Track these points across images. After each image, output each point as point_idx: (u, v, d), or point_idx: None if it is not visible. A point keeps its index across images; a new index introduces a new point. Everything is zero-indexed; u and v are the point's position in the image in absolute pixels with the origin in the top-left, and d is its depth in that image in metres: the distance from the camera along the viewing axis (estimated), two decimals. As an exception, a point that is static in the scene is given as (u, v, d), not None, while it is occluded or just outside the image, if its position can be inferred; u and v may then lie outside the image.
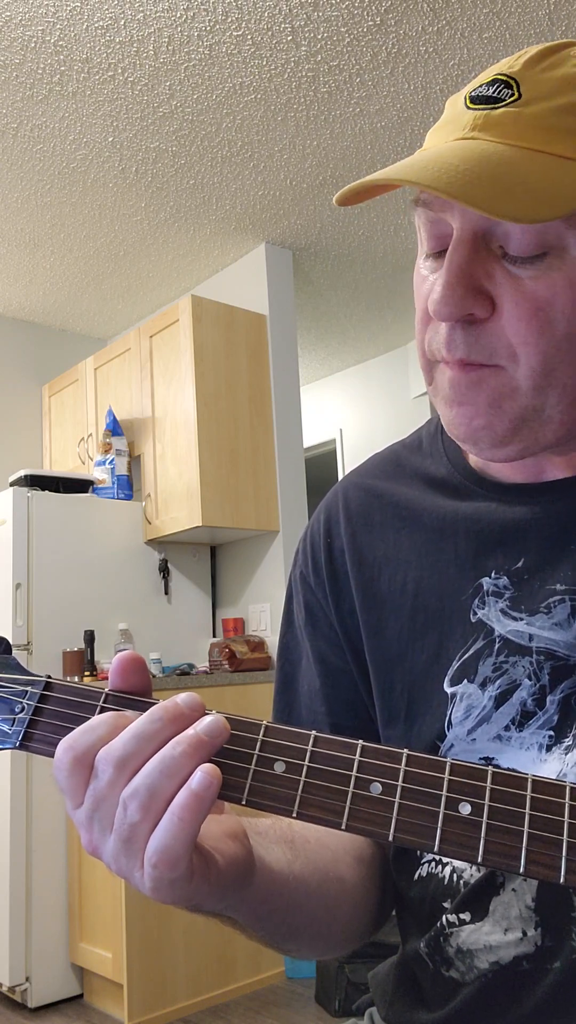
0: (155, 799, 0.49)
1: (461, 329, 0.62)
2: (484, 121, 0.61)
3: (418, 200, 0.64)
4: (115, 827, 0.50)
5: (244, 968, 2.99)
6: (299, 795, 0.51)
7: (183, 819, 0.48)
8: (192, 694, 0.53)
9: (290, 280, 3.77)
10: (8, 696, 0.57)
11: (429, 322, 0.66)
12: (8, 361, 4.26)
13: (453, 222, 0.62)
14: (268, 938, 0.66)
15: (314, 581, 0.83)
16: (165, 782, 0.49)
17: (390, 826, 0.49)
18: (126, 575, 3.50)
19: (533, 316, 0.60)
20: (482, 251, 0.61)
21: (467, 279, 0.61)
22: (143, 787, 0.49)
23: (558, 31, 2.50)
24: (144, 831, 0.50)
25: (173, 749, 0.50)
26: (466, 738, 0.68)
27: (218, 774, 0.50)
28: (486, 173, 0.58)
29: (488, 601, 0.69)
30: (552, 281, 0.60)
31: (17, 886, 2.94)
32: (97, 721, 0.53)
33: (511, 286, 0.61)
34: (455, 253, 0.61)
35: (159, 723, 0.51)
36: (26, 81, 2.60)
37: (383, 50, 2.55)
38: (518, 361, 0.62)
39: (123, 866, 0.51)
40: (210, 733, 0.51)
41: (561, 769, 0.63)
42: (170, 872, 0.49)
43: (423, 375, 0.69)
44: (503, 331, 0.61)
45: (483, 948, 0.65)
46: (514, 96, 0.61)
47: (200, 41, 2.48)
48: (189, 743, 0.50)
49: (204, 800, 0.49)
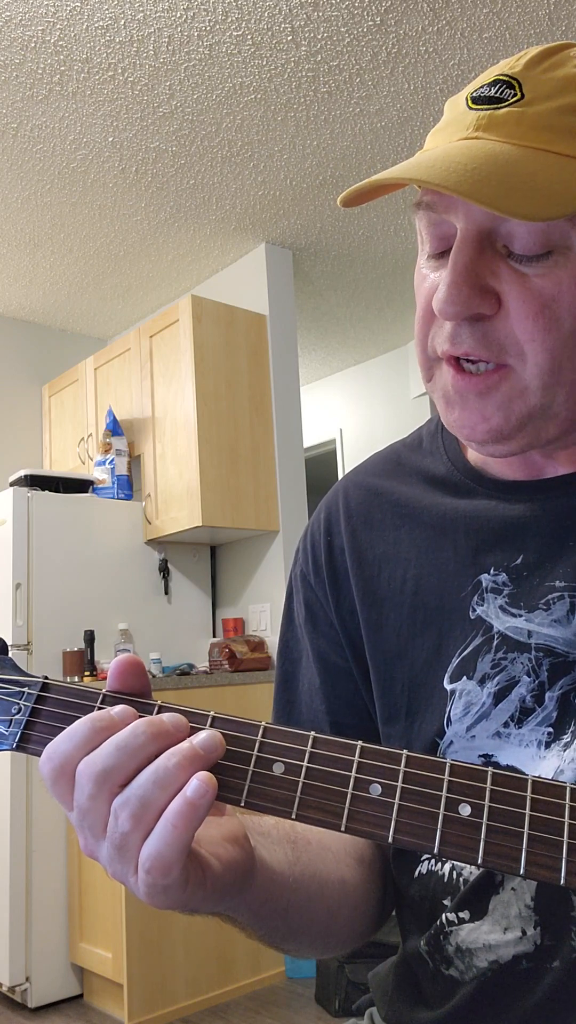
0: (147, 810, 0.49)
1: (468, 326, 0.62)
2: (488, 121, 0.61)
3: (420, 203, 0.64)
4: (107, 835, 0.50)
5: (244, 968, 2.99)
6: (298, 796, 0.51)
7: (176, 826, 0.48)
8: (175, 714, 0.53)
9: (290, 280, 3.76)
10: (5, 697, 0.56)
11: (432, 320, 0.66)
12: (8, 361, 4.26)
13: (457, 222, 0.62)
14: (268, 938, 0.66)
15: (314, 579, 0.83)
16: (158, 793, 0.49)
17: (389, 827, 0.49)
18: (126, 575, 3.50)
19: (540, 313, 0.60)
20: (487, 250, 0.61)
21: (473, 278, 0.61)
22: (135, 797, 0.49)
23: (558, 31, 2.50)
24: (136, 839, 0.49)
25: (168, 760, 0.50)
26: (465, 735, 0.68)
27: (214, 783, 0.50)
28: (494, 172, 0.58)
29: (487, 598, 0.69)
30: (558, 278, 0.60)
31: (17, 886, 2.94)
32: (76, 727, 0.52)
33: (517, 283, 0.61)
34: (460, 252, 0.61)
35: (142, 737, 0.51)
36: (26, 81, 2.60)
37: (383, 50, 2.55)
38: (525, 359, 0.62)
39: (118, 871, 0.51)
40: (206, 747, 0.51)
41: (559, 766, 0.63)
42: (163, 879, 0.49)
43: (421, 372, 0.69)
44: (510, 328, 0.61)
45: (482, 947, 0.65)
46: (517, 96, 0.61)
47: (200, 41, 2.47)
48: (184, 755, 0.50)
49: (198, 808, 0.49)
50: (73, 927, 3.00)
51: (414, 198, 0.65)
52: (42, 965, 2.96)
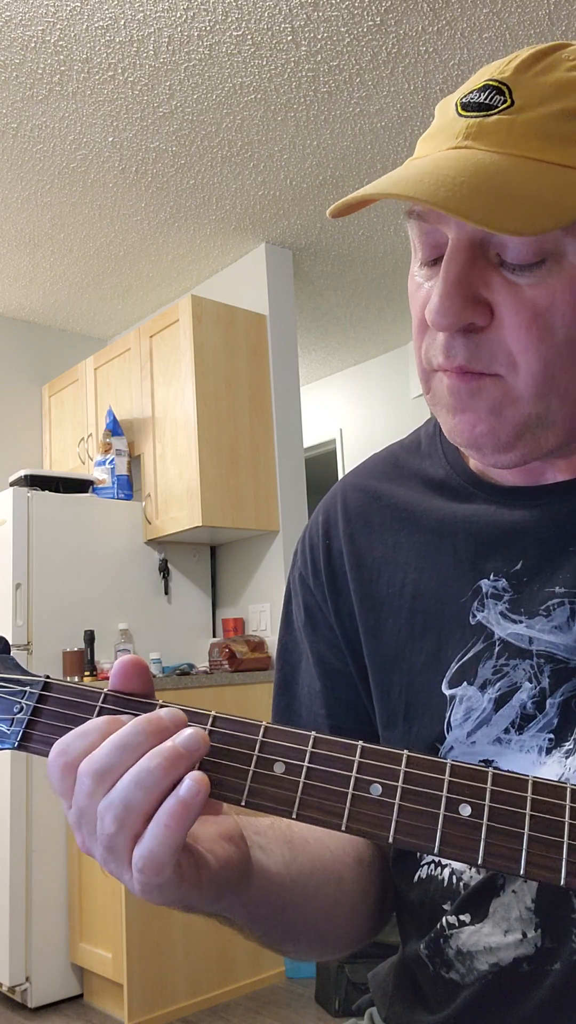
0: (129, 812, 0.49)
1: (461, 337, 0.62)
2: (477, 129, 0.60)
3: (411, 212, 0.64)
4: (97, 836, 0.51)
5: (244, 968, 2.99)
6: (298, 796, 0.51)
7: (168, 826, 0.48)
8: (175, 710, 0.53)
9: (290, 280, 3.76)
10: (7, 696, 0.57)
11: (426, 331, 0.65)
12: (8, 361, 4.26)
13: (449, 232, 0.61)
14: (266, 938, 0.66)
15: (313, 582, 0.82)
16: (140, 795, 0.49)
17: (390, 828, 0.49)
18: (126, 575, 3.50)
19: (533, 323, 0.60)
20: (479, 260, 0.61)
21: (465, 288, 0.60)
22: (117, 800, 0.49)
23: (558, 31, 2.50)
24: (122, 840, 0.50)
25: (149, 761, 0.50)
26: (466, 740, 0.67)
27: (206, 782, 0.50)
28: (483, 185, 0.57)
29: (487, 604, 0.69)
30: (551, 288, 0.60)
31: (17, 886, 2.94)
32: (91, 726, 0.52)
33: (510, 293, 0.60)
34: (451, 263, 0.60)
35: (141, 735, 0.51)
36: (26, 81, 2.60)
37: (383, 50, 2.55)
38: (518, 369, 0.61)
39: (112, 869, 0.51)
40: (187, 746, 0.50)
41: (562, 773, 0.63)
42: (156, 877, 0.49)
43: (420, 384, 0.68)
44: (503, 339, 0.61)
45: (483, 950, 0.65)
46: (507, 103, 0.59)
47: (200, 41, 2.47)
48: (165, 756, 0.50)
49: (191, 807, 0.49)
50: (73, 927, 3.00)
51: (407, 205, 0.64)
52: (42, 965, 2.96)
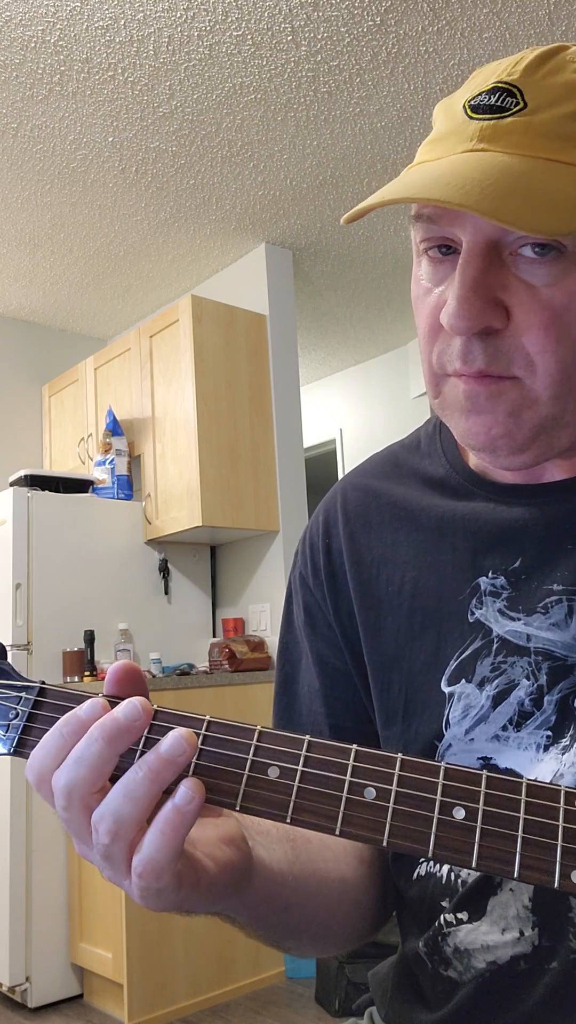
0: (121, 824, 0.50)
1: (478, 340, 0.61)
2: (492, 132, 0.60)
3: (419, 215, 0.63)
4: (93, 845, 0.51)
5: (244, 968, 2.99)
6: (292, 800, 0.51)
7: (165, 833, 0.49)
8: (132, 703, 0.52)
9: (290, 280, 3.76)
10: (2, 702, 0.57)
11: (437, 335, 0.65)
12: (8, 361, 4.26)
13: (463, 235, 0.61)
14: (267, 936, 0.66)
15: (313, 582, 0.83)
16: (130, 807, 0.50)
17: (384, 831, 0.49)
18: (126, 575, 3.50)
19: (551, 324, 0.60)
20: (495, 262, 0.60)
21: (483, 291, 0.60)
22: (108, 813, 0.50)
23: (558, 31, 2.50)
24: (118, 850, 0.50)
25: (135, 773, 0.50)
26: (464, 738, 0.68)
27: (201, 788, 0.50)
28: (511, 187, 0.57)
29: (486, 601, 0.69)
30: (567, 288, 0.60)
31: (17, 886, 2.95)
32: (48, 737, 0.53)
33: (526, 295, 0.60)
34: (468, 266, 0.60)
35: (96, 745, 0.51)
36: (26, 81, 2.60)
37: (383, 50, 2.55)
38: (535, 371, 0.61)
39: (110, 876, 0.52)
40: (171, 752, 0.50)
41: (558, 769, 0.63)
42: (155, 883, 0.49)
43: (428, 389, 0.68)
44: (520, 341, 0.61)
45: (480, 948, 0.65)
46: (519, 105, 0.59)
47: (200, 41, 2.47)
48: (150, 767, 0.50)
49: (186, 814, 0.49)
50: (73, 927, 3.00)
51: (411, 209, 0.63)
52: (42, 965, 2.96)
